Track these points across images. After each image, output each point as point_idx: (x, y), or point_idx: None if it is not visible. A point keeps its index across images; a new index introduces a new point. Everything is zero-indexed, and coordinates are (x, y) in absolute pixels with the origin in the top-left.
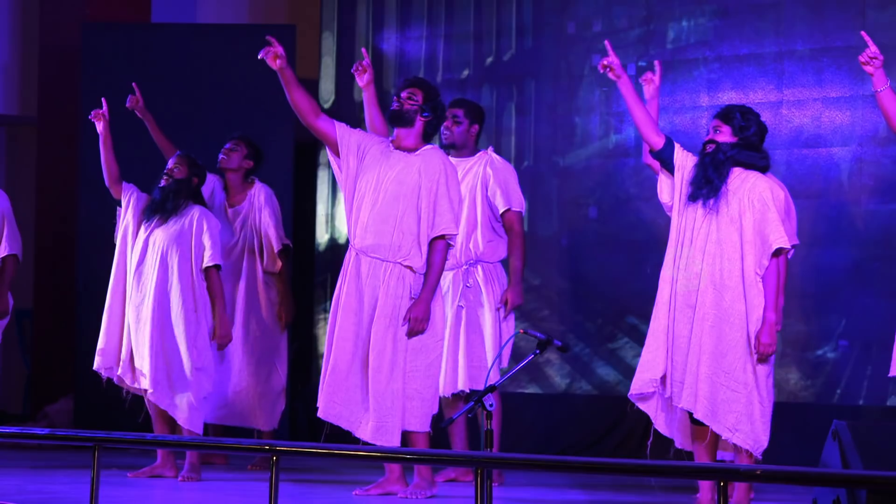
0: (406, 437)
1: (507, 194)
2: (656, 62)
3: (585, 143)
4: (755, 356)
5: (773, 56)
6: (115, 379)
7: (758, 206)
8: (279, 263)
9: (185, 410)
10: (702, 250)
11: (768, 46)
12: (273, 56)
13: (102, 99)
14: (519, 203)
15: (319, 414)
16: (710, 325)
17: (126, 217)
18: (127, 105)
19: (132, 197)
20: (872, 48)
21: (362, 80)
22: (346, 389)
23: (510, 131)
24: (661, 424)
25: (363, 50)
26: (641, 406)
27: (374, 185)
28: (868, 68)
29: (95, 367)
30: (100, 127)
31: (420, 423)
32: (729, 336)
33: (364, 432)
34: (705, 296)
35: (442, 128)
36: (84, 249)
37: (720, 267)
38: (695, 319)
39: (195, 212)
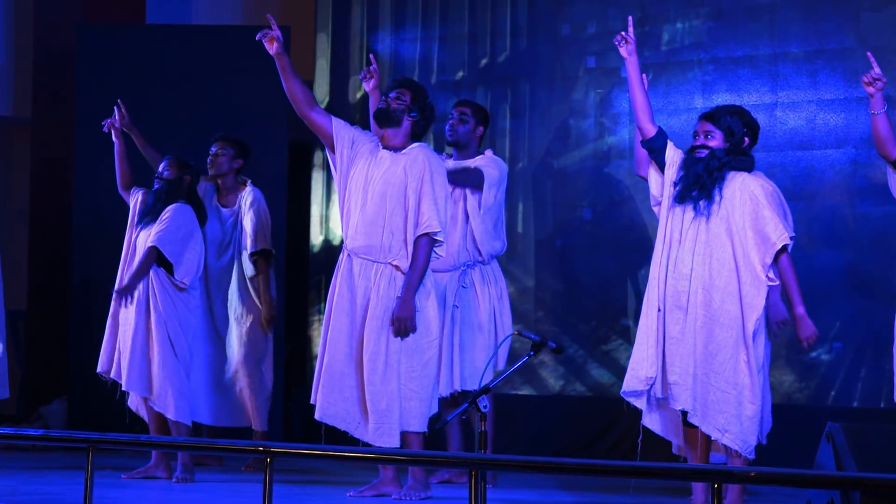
0: (403, 437)
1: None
2: (643, 75)
3: (580, 145)
4: (749, 357)
5: (767, 58)
6: (120, 383)
7: (749, 206)
8: (252, 267)
9: (171, 405)
10: (691, 251)
11: (763, 48)
12: (270, 39)
13: (114, 107)
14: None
15: (317, 416)
16: (700, 326)
17: (132, 220)
18: (115, 122)
19: (138, 200)
20: (876, 70)
21: (369, 84)
22: (341, 390)
23: (504, 133)
24: (652, 423)
25: (370, 56)
26: (635, 403)
27: (362, 185)
28: (870, 89)
29: (98, 370)
30: (114, 136)
31: (418, 423)
32: (719, 337)
33: (363, 433)
34: (695, 297)
35: (447, 125)
36: (78, 250)
37: (709, 268)
38: (685, 321)
39: (168, 209)
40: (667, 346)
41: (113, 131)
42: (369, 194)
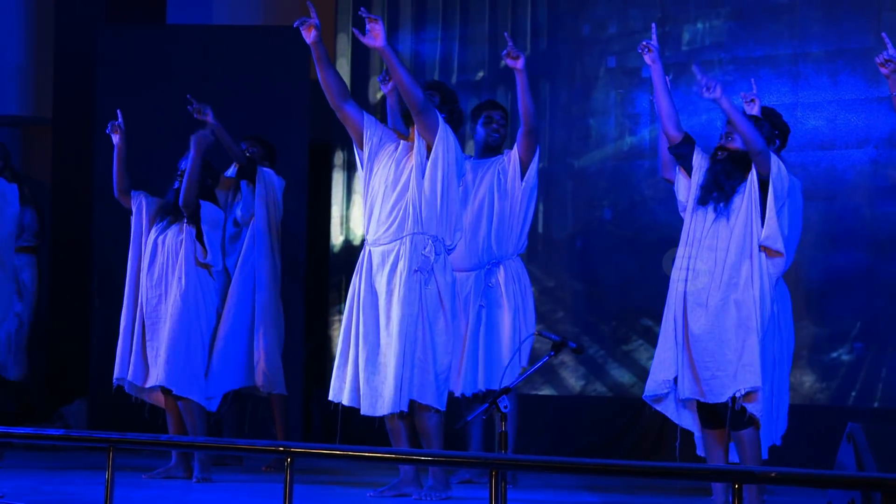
0: (416, 410)
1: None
2: (667, 77)
3: (600, 145)
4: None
5: (788, 58)
6: (125, 386)
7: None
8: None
9: (206, 397)
10: (711, 250)
11: (783, 48)
12: (309, 27)
13: (118, 111)
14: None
15: (363, 412)
16: (723, 319)
17: (141, 223)
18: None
19: (142, 202)
20: (890, 51)
21: (386, 87)
22: (382, 381)
23: None
24: (684, 420)
25: None
26: (657, 407)
27: (384, 179)
28: (884, 70)
29: (115, 377)
30: (115, 139)
31: (432, 396)
32: (741, 328)
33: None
34: (715, 293)
35: (490, 129)
36: (99, 250)
37: (728, 265)
38: (707, 316)
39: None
40: (693, 346)
41: (117, 134)
42: (393, 188)
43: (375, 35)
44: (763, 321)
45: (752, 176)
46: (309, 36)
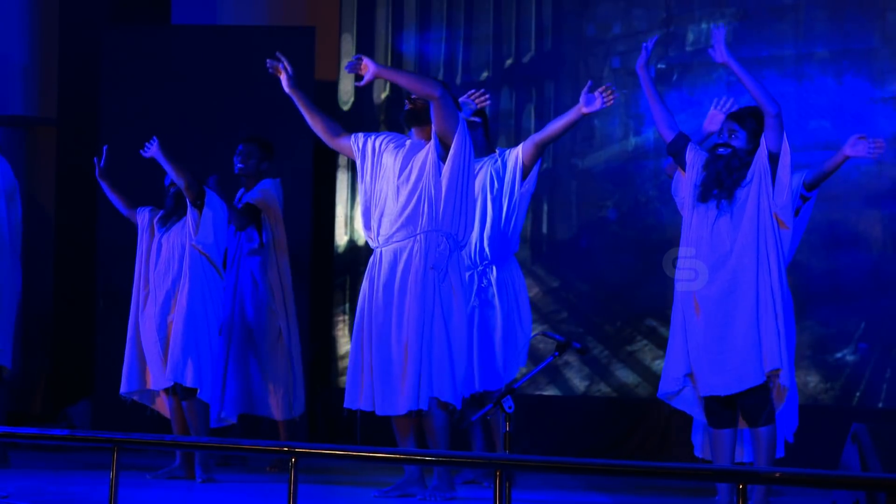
0: (427, 412)
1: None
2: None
3: (605, 146)
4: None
5: (792, 59)
6: (136, 396)
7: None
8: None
9: (189, 375)
10: (714, 246)
11: (788, 49)
12: (280, 73)
13: (104, 147)
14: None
15: (380, 412)
16: (736, 313)
17: (144, 238)
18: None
19: (146, 217)
20: None
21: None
22: (397, 379)
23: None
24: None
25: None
26: (674, 404)
27: (395, 178)
28: None
29: (122, 391)
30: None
31: (449, 391)
32: (763, 310)
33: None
34: (721, 288)
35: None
36: (104, 250)
37: (735, 261)
38: (716, 313)
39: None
40: (708, 343)
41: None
42: (401, 187)
43: (364, 69)
44: (784, 301)
45: (762, 152)
46: (286, 85)
